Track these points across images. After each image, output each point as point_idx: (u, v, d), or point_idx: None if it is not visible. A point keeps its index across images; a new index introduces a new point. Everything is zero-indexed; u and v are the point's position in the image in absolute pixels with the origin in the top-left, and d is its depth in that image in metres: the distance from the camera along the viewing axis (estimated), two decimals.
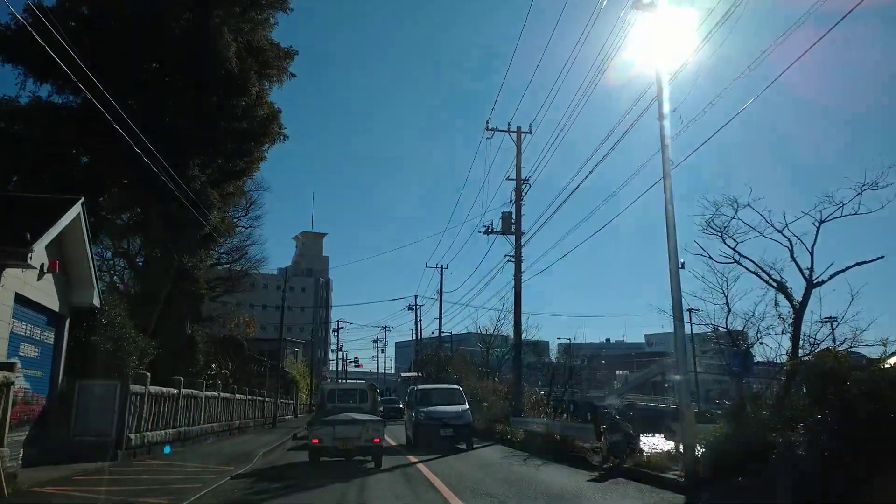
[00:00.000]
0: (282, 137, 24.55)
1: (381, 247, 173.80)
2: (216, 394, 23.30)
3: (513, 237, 28.03)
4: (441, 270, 56.94)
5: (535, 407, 28.24)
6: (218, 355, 30.20)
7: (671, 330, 28.81)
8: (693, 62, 14.36)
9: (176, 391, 18.18)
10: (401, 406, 49.71)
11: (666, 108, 13.18)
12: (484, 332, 35.68)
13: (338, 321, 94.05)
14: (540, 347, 50.96)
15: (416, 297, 68.75)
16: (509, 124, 28.56)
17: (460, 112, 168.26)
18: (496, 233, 28.36)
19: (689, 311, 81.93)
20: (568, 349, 45.35)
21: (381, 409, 38.05)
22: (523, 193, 27.90)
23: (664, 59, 13.64)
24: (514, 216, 28.04)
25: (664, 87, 13.32)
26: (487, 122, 28.55)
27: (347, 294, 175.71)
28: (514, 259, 27.74)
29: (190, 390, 19.82)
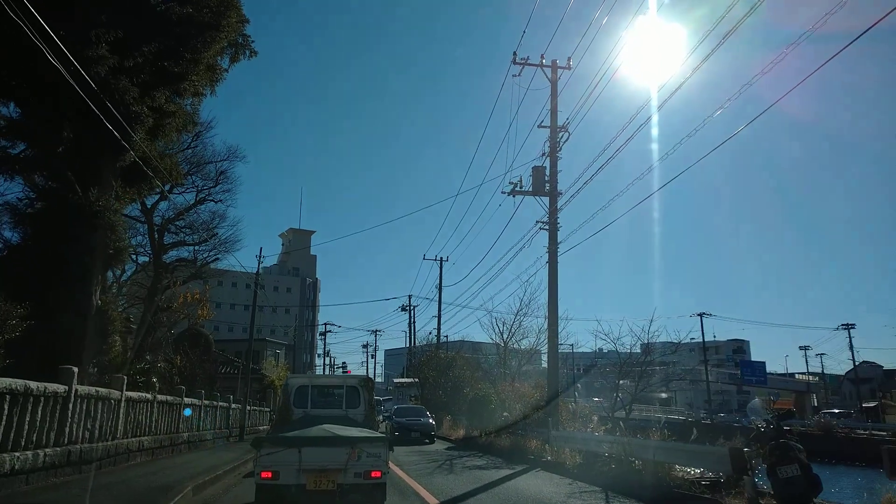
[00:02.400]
0: (247, 52, 18.29)
1: (375, 243, 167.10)
2: (149, 396, 16.87)
3: (546, 198, 21.92)
4: (441, 263, 51.46)
5: (574, 419, 22.06)
6: (167, 349, 23.82)
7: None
8: None
9: (64, 388, 11.77)
10: (432, 421, 29.92)
11: None
12: (501, 324, 29.45)
13: (325, 324, 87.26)
14: (527, 356, 44.81)
15: (409, 297, 62.61)
16: (542, 56, 22.55)
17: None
18: (525, 192, 22.15)
19: (701, 315, 75.36)
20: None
21: (394, 424, 28.04)
22: (561, 143, 21.81)
23: None
24: (548, 172, 21.94)
25: None
26: (515, 55, 22.45)
27: (336, 295, 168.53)
28: (547, 226, 21.62)
29: (95, 389, 13.41)
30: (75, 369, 12.19)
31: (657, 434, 13.05)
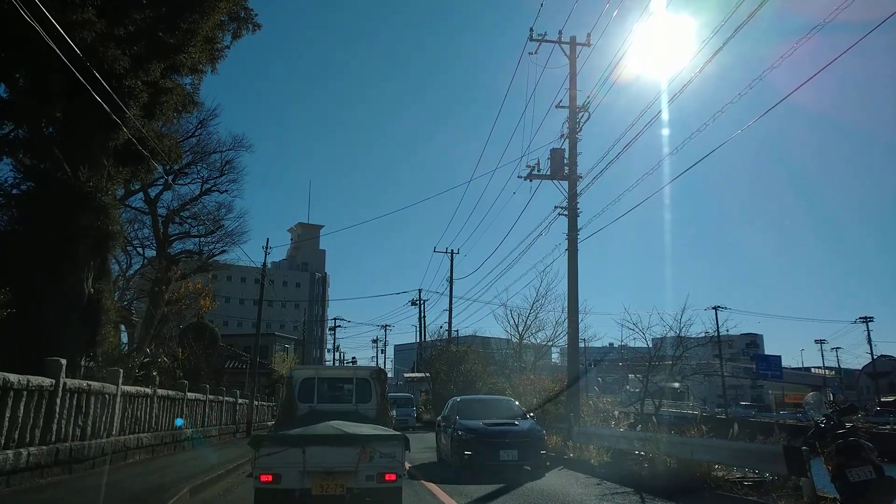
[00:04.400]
0: (250, 26, 17.32)
1: (385, 236, 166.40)
2: (148, 390, 15.99)
3: (565, 183, 20.81)
4: (451, 256, 50.33)
5: (595, 415, 21.04)
6: (170, 342, 22.98)
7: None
8: None
9: (50, 382, 10.87)
10: (534, 423, 15.78)
11: None
12: (518, 314, 28.43)
13: (334, 318, 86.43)
14: (542, 350, 43.86)
15: (419, 290, 61.61)
16: (560, 33, 21.42)
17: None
18: (543, 176, 21.04)
19: (715, 308, 73.68)
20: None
21: (460, 433, 15.54)
22: (581, 124, 20.69)
23: None
24: (567, 155, 20.83)
25: None
26: (531, 31, 21.31)
27: (345, 290, 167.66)
28: (566, 212, 20.52)
29: (87, 382, 12.51)
30: (63, 361, 11.28)
31: (694, 430, 12.01)
